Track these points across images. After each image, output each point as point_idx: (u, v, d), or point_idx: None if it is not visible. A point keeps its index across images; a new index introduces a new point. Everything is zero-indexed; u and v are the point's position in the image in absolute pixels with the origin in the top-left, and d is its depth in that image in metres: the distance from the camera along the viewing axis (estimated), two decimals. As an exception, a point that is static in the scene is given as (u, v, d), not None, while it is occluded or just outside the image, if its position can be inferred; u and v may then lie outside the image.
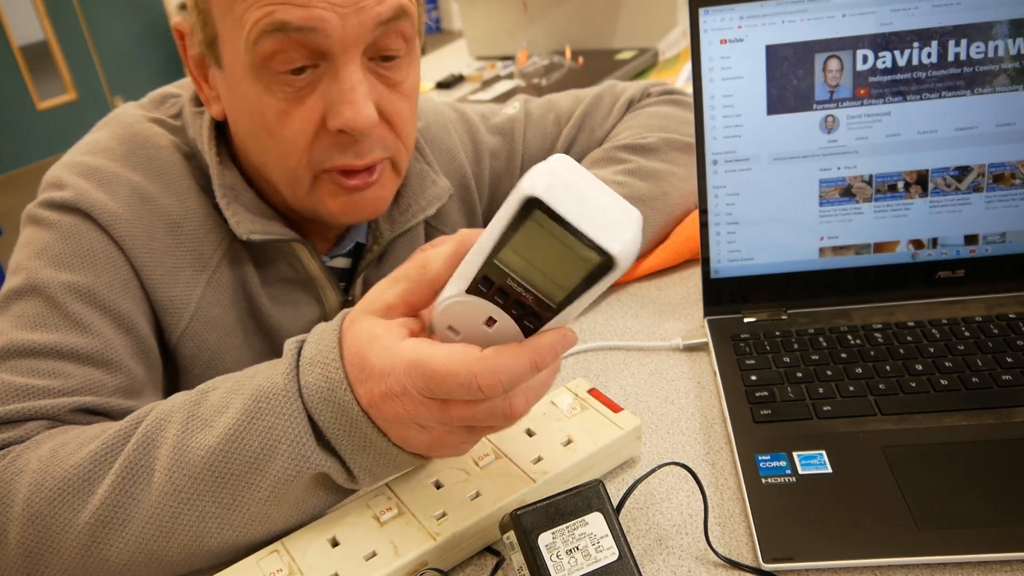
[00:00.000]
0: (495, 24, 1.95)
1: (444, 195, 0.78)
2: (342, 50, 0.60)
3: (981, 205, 0.68)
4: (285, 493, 0.49)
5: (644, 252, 0.82)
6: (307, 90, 0.61)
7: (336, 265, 0.78)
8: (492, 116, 0.90)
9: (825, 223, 0.69)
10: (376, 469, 0.50)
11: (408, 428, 0.46)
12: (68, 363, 0.59)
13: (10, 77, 4.54)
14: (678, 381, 0.66)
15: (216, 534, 0.50)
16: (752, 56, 0.66)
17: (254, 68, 0.60)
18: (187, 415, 0.51)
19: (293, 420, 0.48)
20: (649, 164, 0.82)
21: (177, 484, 0.49)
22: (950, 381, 0.59)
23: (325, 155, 0.64)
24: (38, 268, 0.62)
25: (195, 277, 0.68)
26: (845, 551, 0.47)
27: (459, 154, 0.85)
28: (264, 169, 0.67)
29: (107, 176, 0.66)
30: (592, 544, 0.45)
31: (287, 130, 0.62)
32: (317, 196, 0.67)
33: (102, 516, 0.49)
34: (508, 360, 0.42)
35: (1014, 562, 0.46)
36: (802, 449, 0.55)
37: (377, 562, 0.48)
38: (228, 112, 0.67)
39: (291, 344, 0.51)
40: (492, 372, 0.42)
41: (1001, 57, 0.64)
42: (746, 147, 0.68)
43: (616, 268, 0.39)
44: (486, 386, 0.42)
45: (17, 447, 0.54)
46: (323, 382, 0.47)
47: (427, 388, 0.44)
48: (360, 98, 0.61)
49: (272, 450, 0.48)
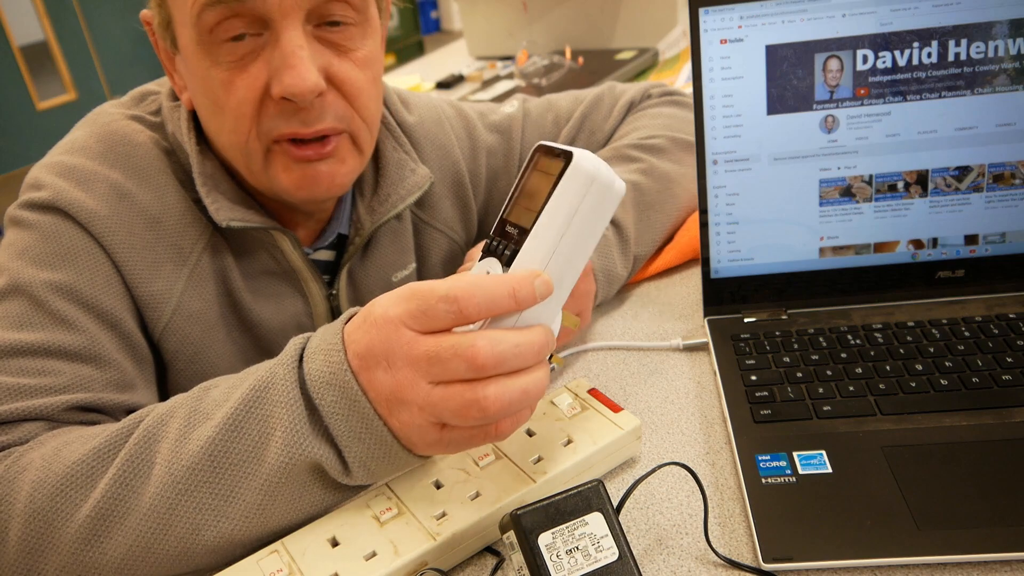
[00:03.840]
0: (495, 24, 1.95)
1: (424, 183, 0.78)
2: (281, 15, 0.60)
3: (981, 205, 0.68)
4: (281, 484, 0.49)
5: (655, 253, 0.82)
6: (250, 58, 0.61)
7: (320, 258, 0.78)
8: (490, 114, 0.91)
9: (825, 223, 0.69)
10: (371, 463, 0.50)
11: (404, 407, 0.47)
12: (56, 361, 0.59)
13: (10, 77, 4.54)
14: (678, 381, 0.66)
15: (212, 526, 0.50)
16: (752, 56, 0.66)
17: (200, 42, 0.61)
18: (189, 410, 0.52)
19: (290, 408, 0.49)
20: (660, 164, 0.83)
21: (175, 476, 0.49)
22: (950, 381, 0.59)
23: (272, 124, 0.64)
24: (20, 268, 0.62)
25: (176, 272, 0.68)
26: (845, 551, 0.47)
27: (454, 150, 0.85)
28: (224, 150, 0.68)
29: (85, 175, 0.66)
30: (592, 544, 0.45)
31: (232, 99, 0.62)
32: (272, 171, 0.66)
33: (102, 509, 0.49)
34: (486, 281, 0.45)
35: (1014, 562, 0.46)
36: (802, 449, 0.55)
37: (377, 562, 0.48)
38: (192, 97, 0.67)
39: (296, 340, 0.52)
40: (471, 286, 0.45)
41: (1001, 57, 0.64)
42: (746, 147, 0.68)
43: (575, 166, 0.45)
44: (463, 297, 0.44)
45: (19, 448, 0.54)
46: (325, 367, 0.49)
47: (408, 310, 0.45)
48: (300, 63, 0.60)
49: (268, 437, 0.49)
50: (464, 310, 0.45)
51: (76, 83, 4.85)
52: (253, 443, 0.49)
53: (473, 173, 0.87)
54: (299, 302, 0.76)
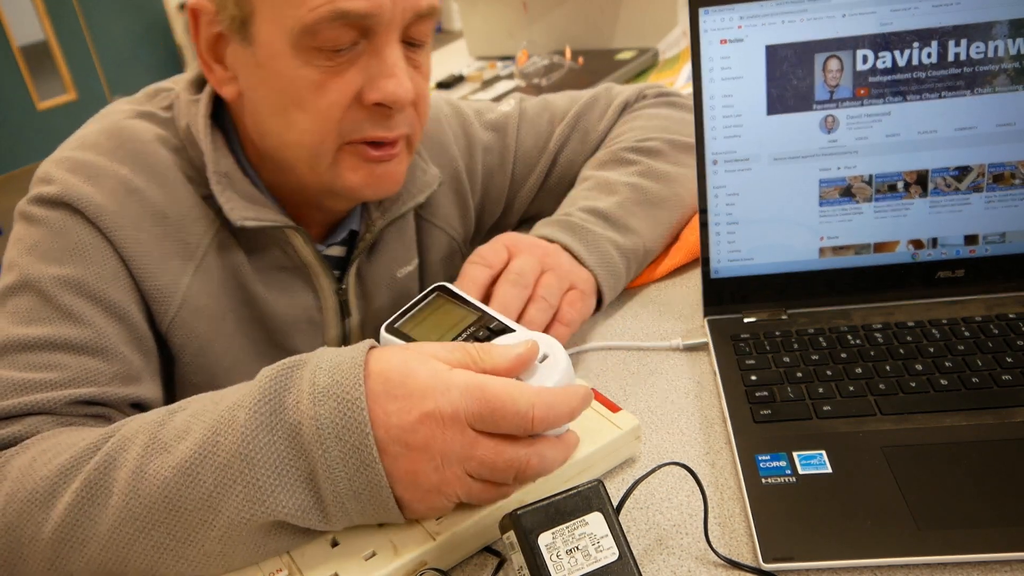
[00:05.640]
0: (495, 24, 1.95)
1: (434, 183, 0.80)
2: (386, 31, 0.63)
3: (981, 205, 0.68)
4: (240, 535, 0.47)
5: (660, 253, 0.82)
6: (346, 65, 0.64)
7: (330, 253, 0.79)
8: (487, 112, 0.91)
9: (825, 223, 0.69)
10: (356, 516, 0.48)
11: (425, 462, 0.46)
12: (63, 354, 0.60)
13: (10, 77, 4.54)
14: (678, 381, 0.66)
15: (172, 566, 0.49)
16: (752, 56, 0.66)
17: (296, 45, 0.62)
18: (150, 436, 0.50)
19: (249, 460, 0.46)
20: (658, 165, 0.83)
21: (133, 511, 0.48)
22: (950, 381, 0.59)
23: (355, 127, 0.66)
24: (29, 264, 0.63)
25: (182, 266, 0.69)
26: (845, 551, 0.47)
27: (451, 147, 0.87)
28: (281, 148, 0.68)
29: (94, 170, 0.67)
30: (592, 544, 0.45)
31: (322, 101, 0.64)
32: (338, 170, 0.68)
33: (62, 533, 0.49)
34: (561, 398, 0.49)
35: (1014, 562, 0.46)
36: (802, 449, 0.55)
37: (377, 561, 0.48)
38: (249, 90, 0.67)
39: (267, 374, 0.49)
40: (549, 407, 0.48)
41: (1001, 57, 0.64)
42: (746, 147, 0.68)
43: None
44: (539, 419, 0.47)
45: (9, 451, 0.54)
46: (338, 416, 0.46)
47: (479, 414, 0.46)
48: (402, 72, 0.65)
49: (226, 490, 0.47)
50: (537, 428, 0.48)
51: (76, 83, 4.85)
52: (209, 492, 0.47)
53: (470, 170, 0.88)
54: (309, 296, 0.77)
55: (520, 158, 0.90)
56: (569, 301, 0.69)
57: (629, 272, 0.77)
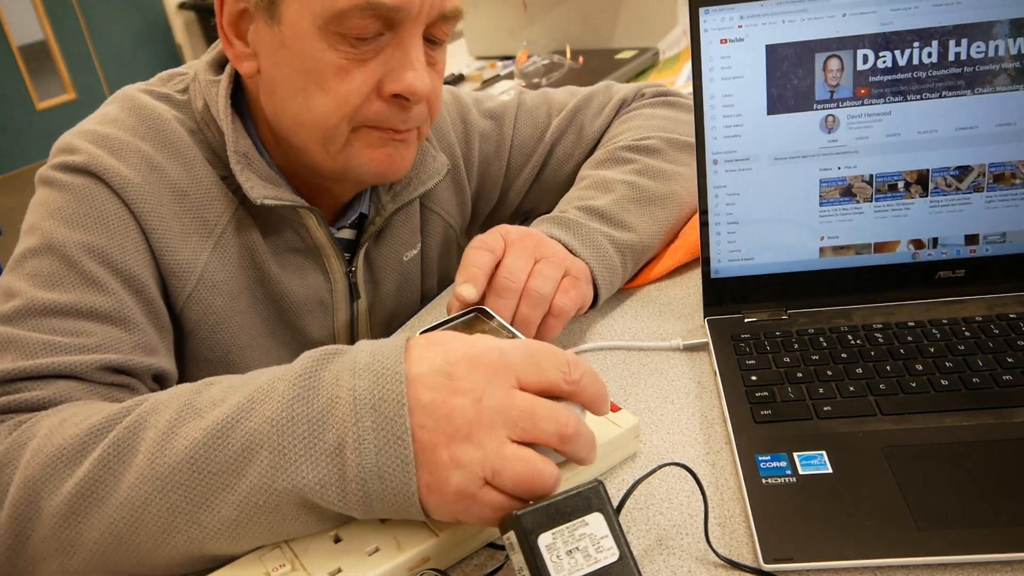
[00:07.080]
0: (495, 24, 1.95)
1: (443, 170, 0.81)
2: (412, 25, 0.65)
3: (981, 205, 0.68)
4: (257, 504, 0.47)
5: (657, 252, 0.82)
6: (370, 54, 0.65)
7: (340, 236, 0.80)
8: (486, 100, 0.93)
9: (825, 223, 0.69)
10: (375, 499, 0.46)
11: (462, 444, 0.45)
12: (87, 322, 0.61)
13: (10, 77, 4.54)
14: (678, 381, 0.66)
15: (184, 531, 0.48)
16: (752, 56, 0.66)
17: (323, 28, 0.63)
18: (184, 403, 0.50)
19: (281, 427, 0.47)
20: (655, 164, 0.83)
21: (156, 470, 0.48)
22: (950, 381, 0.59)
23: (369, 115, 0.67)
24: (53, 228, 0.63)
25: (201, 243, 0.70)
26: (845, 551, 0.47)
27: (449, 134, 0.88)
28: (296, 128, 0.69)
29: (118, 144, 0.68)
30: (592, 544, 0.45)
31: (343, 86, 0.65)
32: (353, 150, 0.69)
33: (84, 488, 0.49)
34: (598, 377, 0.50)
35: (1014, 562, 0.46)
36: (802, 449, 0.55)
37: (379, 557, 0.48)
38: (269, 68, 0.68)
39: (310, 355, 0.50)
40: (592, 374, 0.49)
41: (1001, 57, 0.64)
42: (746, 147, 0.68)
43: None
44: (585, 377, 0.49)
45: (41, 413, 0.54)
46: (376, 388, 0.46)
47: (531, 361, 0.48)
48: (422, 67, 0.67)
49: (252, 455, 0.47)
50: (577, 387, 0.48)
51: (76, 83, 4.85)
52: (236, 455, 0.47)
53: (467, 157, 0.90)
54: (321, 278, 0.78)
55: (516, 147, 0.91)
56: (563, 288, 0.68)
57: (626, 267, 0.76)
